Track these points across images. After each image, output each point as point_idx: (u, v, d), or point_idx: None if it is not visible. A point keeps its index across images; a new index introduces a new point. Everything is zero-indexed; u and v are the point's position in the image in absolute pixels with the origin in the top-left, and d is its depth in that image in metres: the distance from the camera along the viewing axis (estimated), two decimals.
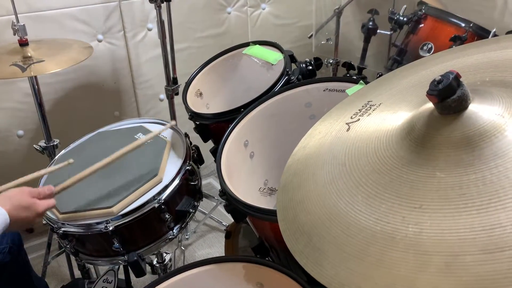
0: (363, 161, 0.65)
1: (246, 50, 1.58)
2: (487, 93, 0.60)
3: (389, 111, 0.73)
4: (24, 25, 1.48)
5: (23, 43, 1.48)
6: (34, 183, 1.20)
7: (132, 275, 1.27)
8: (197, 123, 1.41)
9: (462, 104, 0.57)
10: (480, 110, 0.57)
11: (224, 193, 1.05)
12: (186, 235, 2.06)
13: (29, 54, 1.46)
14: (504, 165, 0.51)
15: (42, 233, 2.06)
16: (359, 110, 0.78)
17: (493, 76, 0.67)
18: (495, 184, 0.50)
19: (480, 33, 1.63)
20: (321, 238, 0.59)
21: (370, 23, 1.97)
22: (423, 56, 1.68)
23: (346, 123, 0.77)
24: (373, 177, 0.61)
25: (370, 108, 0.77)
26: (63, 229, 1.15)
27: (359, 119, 0.75)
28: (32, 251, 1.98)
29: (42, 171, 1.21)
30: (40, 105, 1.62)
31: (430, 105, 0.61)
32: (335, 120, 0.80)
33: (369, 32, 1.98)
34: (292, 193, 0.71)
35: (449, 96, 0.57)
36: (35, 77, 1.57)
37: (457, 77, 0.57)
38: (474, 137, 0.55)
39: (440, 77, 0.57)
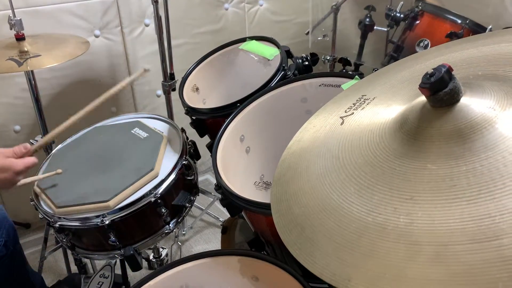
0: (356, 154, 0.65)
1: (242, 46, 1.58)
2: (479, 87, 0.61)
3: (382, 105, 0.73)
4: (20, 19, 1.48)
5: (20, 38, 1.48)
6: (26, 188, 1.21)
7: (129, 271, 1.27)
8: (194, 118, 1.41)
9: (454, 97, 0.58)
10: (472, 103, 0.58)
11: (220, 187, 1.05)
12: (183, 231, 2.07)
13: (26, 49, 1.46)
14: (494, 157, 0.52)
15: (39, 228, 2.07)
16: (353, 104, 0.79)
17: (486, 70, 0.67)
18: (485, 176, 0.50)
19: (476, 30, 1.64)
20: (313, 229, 0.59)
21: (367, 19, 1.97)
22: None
23: (340, 117, 0.77)
24: (365, 170, 0.61)
25: (364, 102, 0.78)
26: (59, 223, 1.15)
27: (353, 113, 0.76)
28: (28, 246, 1.99)
29: (29, 179, 1.19)
30: (36, 100, 1.62)
31: (422, 98, 0.62)
32: (330, 114, 0.81)
33: (366, 29, 1.99)
34: (286, 186, 0.71)
35: (441, 89, 0.57)
36: (32, 72, 1.57)
37: (449, 70, 0.57)
38: (465, 130, 0.55)
39: (432, 70, 0.57)
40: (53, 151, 1.42)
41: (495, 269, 0.43)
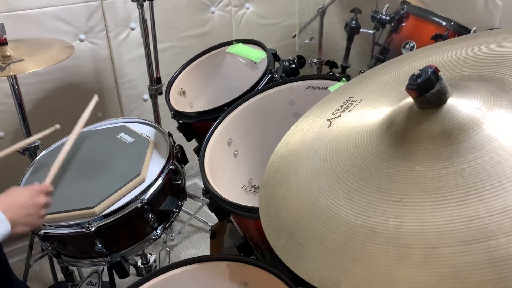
0: (344, 157, 0.65)
1: (229, 49, 1.58)
2: (466, 88, 0.61)
3: (370, 106, 0.73)
4: (2, 24, 1.45)
5: (2, 42, 1.45)
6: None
7: (117, 277, 1.25)
8: (180, 122, 1.40)
9: (440, 98, 0.58)
10: (459, 104, 0.57)
11: (207, 191, 1.04)
12: (171, 236, 2.05)
13: (8, 54, 1.43)
14: (481, 158, 0.51)
15: (24, 236, 2.02)
16: (340, 106, 0.78)
17: (472, 70, 0.67)
18: (473, 177, 0.50)
19: (461, 31, 1.66)
20: (302, 233, 0.58)
21: (353, 22, 1.98)
22: None
23: (328, 119, 0.77)
24: (353, 172, 0.61)
25: (352, 104, 0.77)
26: (44, 230, 1.13)
27: (340, 115, 0.76)
28: (13, 254, 1.95)
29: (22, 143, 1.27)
30: (20, 105, 1.59)
31: (409, 99, 0.61)
32: (317, 116, 0.81)
33: (352, 31, 2.00)
34: (274, 189, 0.70)
35: (428, 90, 0.57)
36: (15, 76, 1.54)
37: (435, 71, 0.57)
38: (452, 131, 0.55)
39: (419, 71, 0.57)
40: (37, 157, 1.39)
41: (484, 271, 0.43)
